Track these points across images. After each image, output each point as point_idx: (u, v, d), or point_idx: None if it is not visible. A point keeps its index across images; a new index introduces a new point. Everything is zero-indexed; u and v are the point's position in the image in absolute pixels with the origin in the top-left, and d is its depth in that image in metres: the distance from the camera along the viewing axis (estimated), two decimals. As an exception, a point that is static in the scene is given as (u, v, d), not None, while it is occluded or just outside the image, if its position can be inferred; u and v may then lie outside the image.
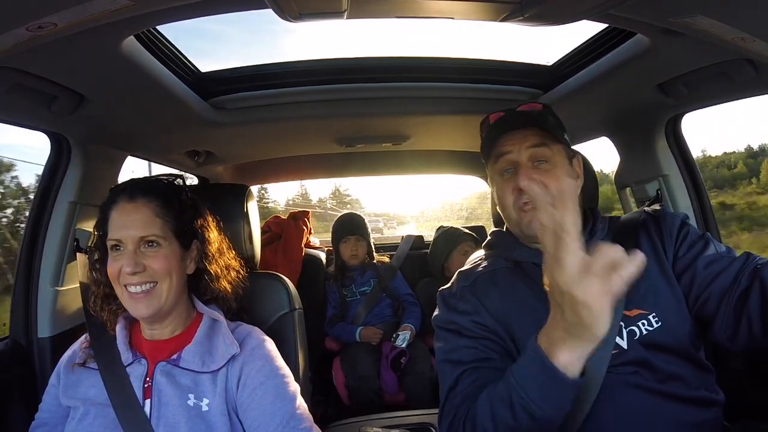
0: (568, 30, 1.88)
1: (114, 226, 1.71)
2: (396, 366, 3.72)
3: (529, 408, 1.32)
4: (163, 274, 1.70)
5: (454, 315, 1.78)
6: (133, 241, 1.67)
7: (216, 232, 1.97)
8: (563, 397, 1.30)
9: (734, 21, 1.50)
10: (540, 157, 1.75)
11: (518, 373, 1.37)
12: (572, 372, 1.26)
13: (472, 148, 4.26)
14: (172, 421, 1.63)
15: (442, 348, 1.78)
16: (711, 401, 1.63)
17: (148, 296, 1.67)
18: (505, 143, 1.77)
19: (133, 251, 1.67)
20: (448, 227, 4.55)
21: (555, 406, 1.32)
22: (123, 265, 1.65)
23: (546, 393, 1.30)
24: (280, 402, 1.68)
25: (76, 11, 1.32)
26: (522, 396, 1.33)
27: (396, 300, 4.33)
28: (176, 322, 1.81)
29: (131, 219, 1.70)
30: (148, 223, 1.71)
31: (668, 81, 2.24)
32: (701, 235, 1.76)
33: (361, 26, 71.27)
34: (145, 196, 1.75)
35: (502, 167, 1.79)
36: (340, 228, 4.47)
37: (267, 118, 2.87)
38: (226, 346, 1.75)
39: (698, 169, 2.80)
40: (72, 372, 1.78)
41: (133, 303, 1.68)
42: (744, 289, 1.55)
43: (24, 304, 2.42)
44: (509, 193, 1.76)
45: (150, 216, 1.72)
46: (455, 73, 2.77)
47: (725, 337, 1.59)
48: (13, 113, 2.06)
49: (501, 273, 1.84)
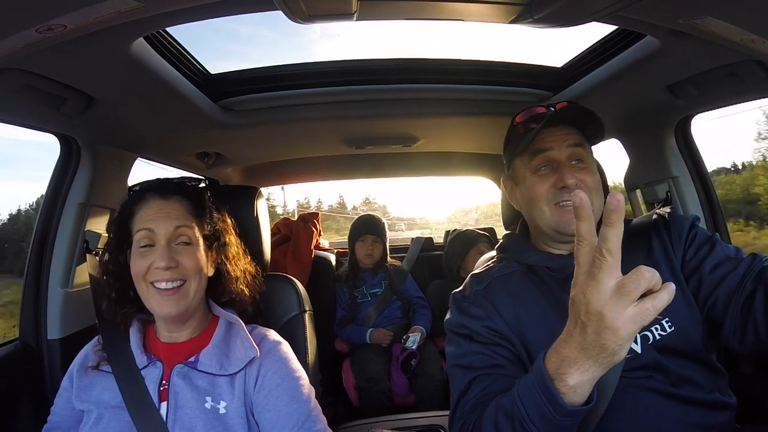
0: (578, 32, 1.88)
1: (144, 219, 1.72)
2: (406, 368, 3.71)
3: (526, 426, 1.30)
4: (193, 272, 1.71)
5: (466, 319, 1.77)
6: (166, 236, 1.69)
7: (234, 235, 1.98)
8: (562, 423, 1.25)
9: (743, 22, 1.50)
10: (577, 156, 1.75)
11: (522, 389, 1.34)
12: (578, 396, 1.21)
13: (481, 150, 4.27)
14: (188, 424, 1.63)
15: (453, 352, 1.77)
16: (723, 404, 1.62)
17: (177, 294, 1.68)
18: (546, 140, 1.76)
19: (166, 246, 1.68)
20: (463, 229, 4.55)
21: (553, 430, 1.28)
22: (154, 260, 1.65)
23: (544, 415, 1.26)
24: (296, 404, 1.69)
25: (85, 13, 1.32)
26: (522, 413, 1.31)
27: (406, 303, 4.32)
28: (195, 325, 1.81)
29: (165, 213, 1.72)
30: (182, 218, 1.73)
31: (678, 82, 2.22)
32: (709, 237, 1.75)
33: (369, 28, 71.16)
34: (177, 194, 1.78)
35: (539, 163, 1.77)
36: (359, 226, 4.48)
37: (276, 120, 2.87)
38: (245, 350, 1.75)
39: (707, 170, 2.79)
40: (85, 375, 1.77)
41: (161, 300, 1.67)
42: (750, 292, 1.54)
43: (33, 306, 2.42)
44: (546, 189, 1.74)
45: (183, 213, 1.75)
46: (465, 74, 2.76)
47: (734, 340, 1.58)
48: (23, 115, 2.06)
49: (514, 276, 1.83)
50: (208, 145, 3.35)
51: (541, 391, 1.25)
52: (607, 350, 1.11)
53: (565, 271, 1.76)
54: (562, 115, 1.73)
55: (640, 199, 3.06)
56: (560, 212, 1.71)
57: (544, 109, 1.80)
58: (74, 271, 2.50)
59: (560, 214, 1.71)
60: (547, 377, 1.23)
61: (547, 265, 1.78)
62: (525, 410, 1.30)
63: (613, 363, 1.14)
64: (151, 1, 1.37)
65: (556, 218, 1.72)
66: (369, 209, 79.20)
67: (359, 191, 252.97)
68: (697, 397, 1.57)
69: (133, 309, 1.81)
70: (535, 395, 1.27)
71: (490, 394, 1.55)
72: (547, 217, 1.75)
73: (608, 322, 1.07)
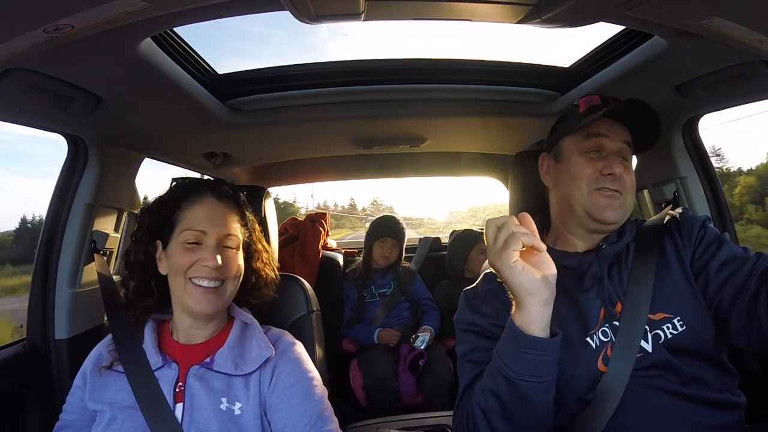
0: (586, 32, 1.87)
1: (198, 219, 1.75)
2: (414, 368, 3.71)
3: (503, 371, 1.45)
4: (234, 275, 1.75)
5: (476, 317, 1.78)
6: (218, 237, 1.72)
7: (264, 242, 2.02)
8: (529, 358, 1.41)
9: (751, 23, 1.49)
10: (624, 154, 1.78)
11: (499, 344, 1.51)
12: (533, 328, 1.41)
13: (489, 150, 4.25)
14: (204, 426, 1.63)
15: (463, 349, 1.80)
16: (733, 404, 1.61)
17: (218, 292, 1.71)
18: (602, 127, 1.77)
19: (216, 246, 1.71)
20: (463, 229, 4.55)
21: (523, 366, 1.42)
22: (202, 258, 1.68)
23: (513, 353, 1.43)
24: (309, 403, 1.69)
25: (93, 13, 1.32)
26: (498, 361, 1.47)
27: (415, 303, 4.31)
28: (215, 325, 1.83)
29: (219, 216, 1.77)
30: (233, 224, 1.79)
31: (685, 83, 2.21)
32: (718, 237, 1.74)
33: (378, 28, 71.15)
34: (231, 201, 1.84)
35: (590, 146, 1.78)
36: (381, 227, 4.46)
37: (284, 120, 2.86)
38: (260, 350, 1.76)
39: (715, 171, 2.79)
40: (99, 375, 1.76)
41: (200, 296, 1.70)
42: (754, 291, 1.52)
43: (41, 306, 2.43)
44: (591, 171, 1.74)
45: (235, 220, 1.81)
46: (472, 74, 2.75)
47: (741, 340, 1.57)
48: (31, 115, 2.07)
49: None
50: (216, 145, 3.36)
51: (509, 334, 1.45)
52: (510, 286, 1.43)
53: (581, 269, 1.76)
54: (627, 108, 1.74)
55: (648, 199, 3.05)
56: (598, 196, 1.72)
57: (600, 99, 1.82)
58: (82, 271, 2.50)
59: (598, 197, 1.72)
60: (512, 322, 1.45)
61: (563, 264, 1.76)
62: (501, 357, 1.47)
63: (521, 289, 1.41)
64: (159, 1, 1.37)
65: (593, 201, 1.72)
66: (376, 210, 79.51)
67: (368, 193, 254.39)
68: (707, 396, 1.56)
69: (153, 303, 1.83)
70: (506, 339, 1.47)
71: None
72: (584, 198, 1.74)
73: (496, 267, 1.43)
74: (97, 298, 2.20)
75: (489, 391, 1.49)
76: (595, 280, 1.73)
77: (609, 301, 1.68)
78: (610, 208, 1.70)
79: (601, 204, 1.71)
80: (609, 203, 1.70)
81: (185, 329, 1.80)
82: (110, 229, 2.67)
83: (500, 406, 1.47)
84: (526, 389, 1.43)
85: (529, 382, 1.42)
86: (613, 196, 1.71)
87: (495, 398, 1.48)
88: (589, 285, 1.72)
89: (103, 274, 2.27)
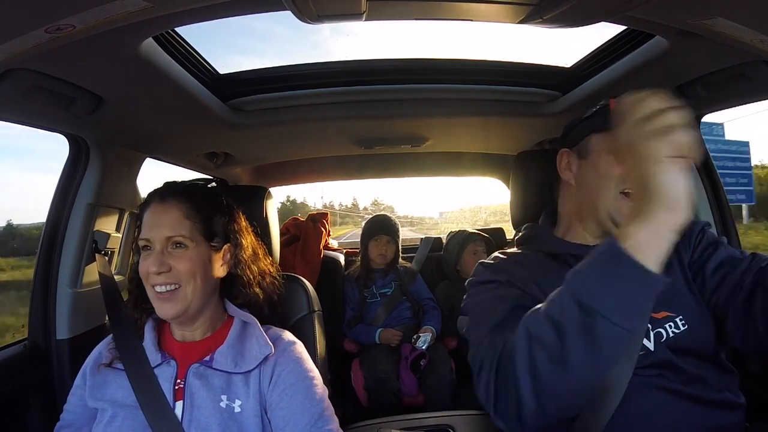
0: (587, 32, 1.87)
1: (145, 225, 1.74)
2: (415, 368, 3.71)
3: (579, 295, 1.19)
4: (187, 275, 1.70)
5: (496, 275, 1.73)
6: (160, 241, 1.70)
7: (251, 237, 1.99)
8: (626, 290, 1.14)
9: (753, 23, 1.49)
10: None
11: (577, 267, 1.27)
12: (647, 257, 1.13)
13: (491, 150, 4.26)
14: (204, 424, 1.63)
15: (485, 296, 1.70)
16: (733, 404, 1.61)
17: (173, 297, 1.68)
18: None
19: (160, 251, 1.69)
20: (458, 230, 4.57)
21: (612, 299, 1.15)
22: (149, 264, 1.67)
23: (604, 277, 1.18)
24: (309, 403, 1.69)
25: (94, 13, 1.32)
26: (574, 284, 1.23)
27: (416, 303, 4.31)
28: (207, 325, 1.82)
29: (160, 219, 1.72)
30: (177, 224, 1.73)
31: (687, 83, 2.21)
32: (715, 240, 1.76)
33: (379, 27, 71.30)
34: (175, 197, 1.78)
35: None
36: (374, 226, 4.46)
37: (285, 120, 2.87)
38: (260, 347, 1.76)
39: (717, 172, 2.79)
40: (98, 373, 1.77)
41: (159, 303, 1.69)
42: (749, 291, 1.54)
43: (42, 306, 2.43)
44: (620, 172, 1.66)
45: (179, 217, 1.74)
46: (474, 75, 2.75)
47: (737, 340, 1.59)
48: (32, 115, 2.07)
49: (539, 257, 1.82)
50: (217, 145, 3.36)
51: (600, 249, 1.21)
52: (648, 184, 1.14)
53: None
54: None
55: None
56: (622, 202, 1.67)
57: None
58: (83, 271, 2.51)
59: (622, 204, 1.67)
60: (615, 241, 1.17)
61: (575, 254, 1.76)
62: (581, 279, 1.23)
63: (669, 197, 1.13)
64: (161, 2, 1.37)
65: (618, 207, 1.68)
66: (377, 209, 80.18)
67: (369, 193, 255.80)
68: (708, 396, 1.57)
69: (152, 306, 1.81)
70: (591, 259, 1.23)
71: None
72: (610, 201, 1.69)
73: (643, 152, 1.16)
74: (99, 298, 2.19)
75: (548, 318, 1.24)
76: None
77: None
78: None
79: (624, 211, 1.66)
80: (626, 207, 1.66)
81: (178, 331, 1.82)
82: (112, 229, 2.67)
83: (557, 340, 1.20)
84: (603, 329, 1.15)
85: (611, 322, 1.14)
86: None
87: (554, 328, 1.21)
88: None
89: (104, 274, 2.27)
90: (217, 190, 1.98)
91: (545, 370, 1.22)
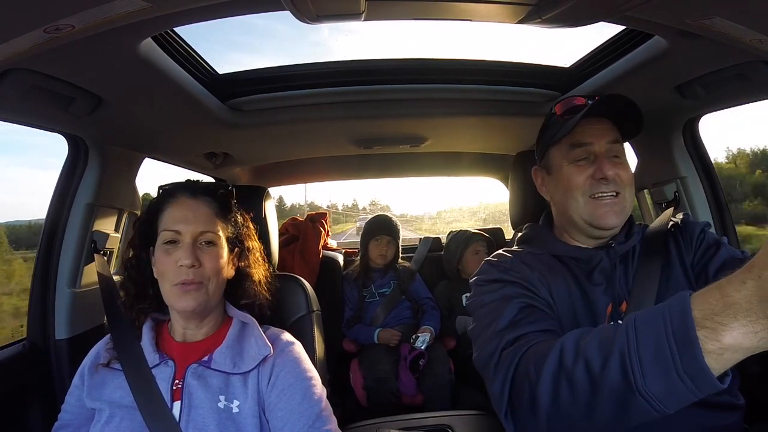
0: (586, 32, 1.87)
1: (171, 218, 1.74)
2: (414, 368, 3.70)
3: (628, 365, 1.03)
4: (213, 272, 1.72)
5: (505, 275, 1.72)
6: (192, 235, 1.70)
7: (256, 240, 2.00)
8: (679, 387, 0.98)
9: (752, 23, 1.49)
10: (615, 152, 1.75)
11: (642, 318, 1.06)
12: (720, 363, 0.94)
13: (489, 150, 4.27)
14: (201, 424, 1.63)
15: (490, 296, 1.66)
16: (733, 406, 1.62)
17: (198, 290, 1.69)
18: (585, 134, 1.74)
19: (191, 245, 1.69)
20: (459, 230, 4.56)
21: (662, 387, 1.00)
22: (179, 258, 1.67)
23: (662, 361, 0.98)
24: (307, 403, 1.69)
25: (93, 13, 1.32)
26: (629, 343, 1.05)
27: (415, 303, 4.31)
28: (211, 324, 1.83)
29: (192, 214, 1.74)
30: (209, 221, 1.75)
31: (686, 83, 2.22)
32: (716, 240, 1.76)
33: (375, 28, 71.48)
34: (206, 195, 1.80)
35: (578, 155, 1.75)
36: (375, 226, 4.46)
37: (284, 120, 2.87)
38: (258, 348, 1.76)
39: (715, 171, 2.79)
40: (96, 373, 1.77)
41: (181, 294, 1.68)
42: None
43: (41, 306, 2.43)
44: (583, 180, 1.72)
45: (210, 215, 1.77)
46: (473, 75, 2.76)
47: None
48: (31, 115, 2.07)
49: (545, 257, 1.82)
50: (216, 145, 3.36)
51: (675, 328, 0.97)
52: None
53: (591, 262, 1.76)
54: (604, 105, 1.71)
55: (648, 199, 3.05)
56: (596, 204, 1.71)
57: (584, 101, 1.79)
58: (82, 271, 2.51)
59: (595, 206, 1.71)
60: (690, 318, 0.95)
61: (574, 256, 1.78)
62: (637, 340, 1.03)
63: None
64: (159, 2, 1.37)
65: (591, 210, 1.71)
66: (374, 208, 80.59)
67: (367, 194, 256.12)
68: (708, 398, 1.57)
69: (149, 306, 1.83)
70: (660, 327, 1.00)
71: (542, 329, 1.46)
72: (582, 208, 1.73)
73: None
74: (98, 298, 2.19)
75: (585, 362, 1.13)
76: (604, 277, 1.73)
77: (617, 299, 1.68)
78: (610, 213, 1.69)
79: (600, 212, 1.70)
80: (608, 210, 1.69)
81: (181, 330, 1.81)
82: (110, 229, 2.67)
83: (589, 389, 1.11)
84: (639, 406, 1.05)
85: (650, 406, 1.04)
86: (611, 201, 1.70)
87: (589, 377, 1.11)
88: (599, 281, 1.72)
89: (103, 274, 2.27)
90: (233, 193, 1.98)
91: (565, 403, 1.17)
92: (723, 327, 0.90)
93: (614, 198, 1.70)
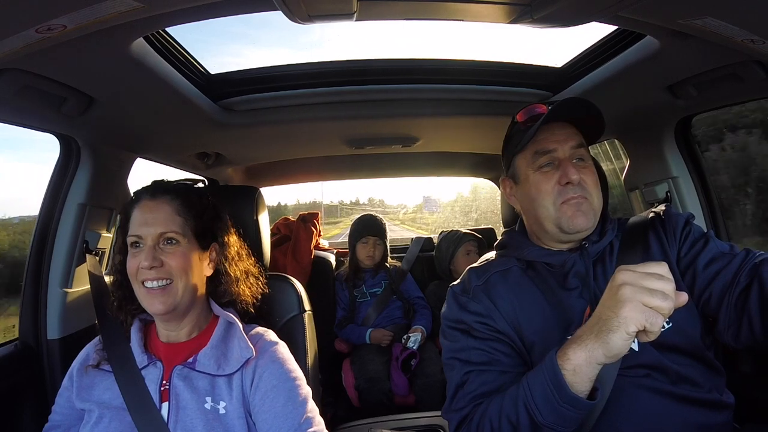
0: (578, 32, 1.88)
1: (135, 222, 1.74)
2: (406, 368, 3.71)
3: (531, 410, 1.40)
4: (179, 271, 1.71)
5: (464, 314, 1.77)
6: (152, 237, 1.70)
7: (235, 236, 2.00)
8: (562, 409, 1.35)
9: (743, 23, 1.50)
10: (579, 156, 1.76)
11: (531, 374, 1.46)
12: (578, 379, 1.33)
13: (481, 150, 4.27)
14: (189, 425, 1.63)
15: (450, 346, 1.78)
16: (721, 404, 1.62)
17: (164, 292, 1.69)
18: (548, 141, 1.76)
19: (152, 247, 1.69)
20: (450, 230, 4.56)
21: (555, 416, 1.37)
22: (141, 260, 1.67)
23: (547, 397, 1.37)
24: (292, 405, 1.69)
25: (85, 13, 1.32)
26: (527, 397, 1.42)
27: (406, 302, 4.32)
28: (193, 324, 1.82)
29: (152, 216, 1.73)
30: (168, 220, 1.74)
31: (678, 83, 2.22)
32: (703, 234, 1.76)
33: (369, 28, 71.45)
34: (166, 194, 1.79)
35: (542, 162, 1.77)
36: (361, 228, 4.45)
37: (276, 120, 2.87)
38: (241, 350, 1.76)
39: (707, 171, 2.80)
40: (86, 374, 1.78)
41: (149, 298, 1.69)
42: (743, 287, 1.55)
43: (33, 306, 2.42)
44: (551, 186, 1.74)
45: (170, 213, 1.75)
46: (465, 75, 2.76)
47: (729, 336, 1.59)
48: (23, 115, 2.06)
49: (513, 272, 1.83)
50: (208, 145, 3.36)
51: (547, 371, 1.38)
52: (606, 324, 1.26)
53: (564, 267, 1.77)
54: (564, 109, 1.73)
55: (640, 199, 3.06)
56: (565, 208, 1.72)
57: (545, 108, 1.79)
58: (74, 271, 2.50)
59: (564, 210, 1.72)
60: (554, 358, 1.37)
61: (547, 261, 1.80)
62: (531, 393, 1.42)
63: (610, 348, 1.26)
64: (151, 2, 1.37)
65: (560, 214, 1.72)
66: (370, 204, 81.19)
67: (365, 191, 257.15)
68: (696, 396, 1.57)
69: (137, 308, 1.82)
70: (540, 376, 1.40)
71: (488, 390, 1.61)
72: (551, 214, 1.74)
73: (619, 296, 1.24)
74: (89, 299, 2.20)
75: (507, 419, 1.47)
76: (579, 280, 1.74)
77: (594, 300, 1.65)
78: (579, 215, 1.71)
79: (569, 215, 1.72)
80: (576, 211, 1.71)
81: (164, 331, 1.82)
82: (102, 229, 2.67)
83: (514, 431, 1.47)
84: None
85: (553, 430, 1.40)
86: (579, 203, 1.71)
87: (511, 428, 1.46)
88: (573, 285, 1.73)
89: (95, 274, 2.27)
90: (205, 189, 1.98)
91: None
92: (567, 351, 1.35)
93: (582, 200, 1.71)
